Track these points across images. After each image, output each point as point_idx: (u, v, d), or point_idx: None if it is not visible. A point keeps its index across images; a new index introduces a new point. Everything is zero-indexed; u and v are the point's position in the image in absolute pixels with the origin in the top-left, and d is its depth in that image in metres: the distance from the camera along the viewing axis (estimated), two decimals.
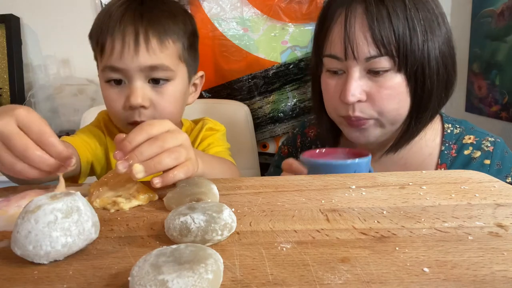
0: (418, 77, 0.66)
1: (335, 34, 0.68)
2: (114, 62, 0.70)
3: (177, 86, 0.75)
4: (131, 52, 0.69)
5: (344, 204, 0.46)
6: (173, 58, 0.73)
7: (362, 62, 0.65)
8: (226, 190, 0.52)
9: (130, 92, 0.70)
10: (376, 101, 0.67)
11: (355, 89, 0.66)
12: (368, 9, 0.64)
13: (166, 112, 0.73)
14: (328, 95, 0.72)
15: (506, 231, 0.39)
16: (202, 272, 0.28)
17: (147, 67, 0.70)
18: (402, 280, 0.31)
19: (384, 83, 0.66)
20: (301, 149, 0.90)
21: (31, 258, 0.35)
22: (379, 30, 0.63)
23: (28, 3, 1.47)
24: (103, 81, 0.74)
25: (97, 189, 0.49)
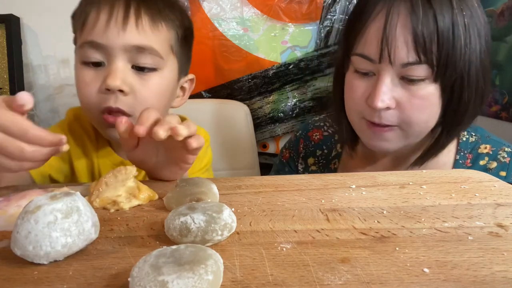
0: (455, 89, 0.61)
1: (371, 32, 0.62)
2: (96, 36, 0.61)
3: (164, 79, 0.66)
4: (118, 25, 0.60)
5: (344, 203, 0.46)
6: (164, 45, 0.65)
7: (397, 67, 0.60)
8: (226, 190, 0.52)
9: (109, 73, 0.61)
10: (405, 110, 0.62)
11: (385, 94, 0.61)
12: (414, 9, 0.58)
13: (148, 104, 0.61)
14: (353, 96, 0.67)
15: (506, 231, 0.39)
16: (202, 273, 0.28)
17: (134, 46, 0.61)
18: (402, 280, 0.31)
19: (417, 92, 0.61)
20: (304, 155, 0.85)
21: (31, 259, 0.35)
22: (423, 36, 0.57)
23: (28, 3, 1.47)
24: (79, 62, 0.64)
25: (97, 189, 0.49)
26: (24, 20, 1.48)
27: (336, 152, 0.82)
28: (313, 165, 0.84)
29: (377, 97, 0.61)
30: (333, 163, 0.81)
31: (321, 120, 0.87)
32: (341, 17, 1.39)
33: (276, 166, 0.91)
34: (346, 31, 0.68)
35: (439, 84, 0.61)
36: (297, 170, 0.86)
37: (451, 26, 0.58)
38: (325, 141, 0.84)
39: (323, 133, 0.85)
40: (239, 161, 1.24)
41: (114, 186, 0.49)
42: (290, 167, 0.87)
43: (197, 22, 1.41)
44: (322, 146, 0.84)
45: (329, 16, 1.40)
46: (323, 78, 1.44)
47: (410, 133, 0.65)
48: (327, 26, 1.40)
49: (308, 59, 1.42)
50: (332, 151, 0.83)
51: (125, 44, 0.61)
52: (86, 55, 0.62)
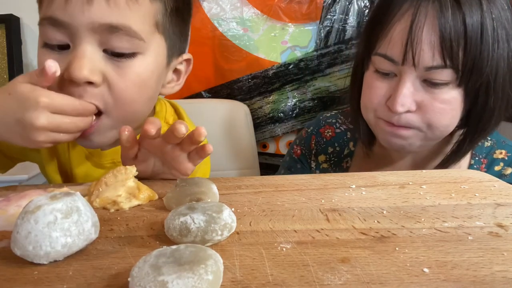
0: (481, 94, 0.60)
1: (396, 32, 0.59)
2: (56, 11, 0.49)
3: (147, 65, 0.53)
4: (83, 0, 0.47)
5: (344, 203, 0.46)
6: (145, 23, 0.51)
7: (420, 71, 0.59)
8: (226, 190, 0.52)
9: (72, 59, 0.49)
10: (426, 113, 0.61)
11: (406, 97, 0.60)
12: (443, 10, 0.56)
13: (125, 98, 0.51)
14: (372, 97, 0.65)
15: (506, 231, 0.39)
16: (202, 273, 0.28)
17: (104, 25, 0.48)
18: (402, 280, 0.31)
19: (439, 95, 0.59)
20: (316, 151, 0.84)
21: (31, 259, 0.35)
22: (450, 39, 0.55)
23: (28, 3, 1.46)
24: (40, 45, 0.55)
25: (96, 189, 0.49)
26: (24, 20, 1.48)
27: (349, 151, 0.80)
28: (324, 162, 0.82)
29: (397, 101, 0.60)
30: (345, 161, 0.79)
31: (333, 117, 0.85)
32: (341, 17, 1.39)
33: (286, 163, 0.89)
34: (368, 29, 0.65)
35: (463, 88, 0.59)
36: (310, 167, 0.84)
37: (480, 29, 0.56)
38: (337, 138, 0.82)
39: (335, 130, 0.82)
40: (239, 161, 1.24)
41: (114, 186, 0.49)
42: (303, 163, 0.85)
43: (197, 22, 1.41)
44: (334, 143, 0.82)
45: (329, 16, 1.40)
46: (323, 78, 1.44)
47: (429, 135, 0.63)
48: (327, 26, 1.40)
49: (308, 59, 1.42)
50: (344, 149, 0.81)
51: (92, 22, 0.48)
52: (47, 35, 0.52)
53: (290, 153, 0.88)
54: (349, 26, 1.40)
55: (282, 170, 0.89)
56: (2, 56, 1.45)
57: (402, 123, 0.62)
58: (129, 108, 0.53)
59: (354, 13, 1.39)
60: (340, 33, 1.40)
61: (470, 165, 0.71)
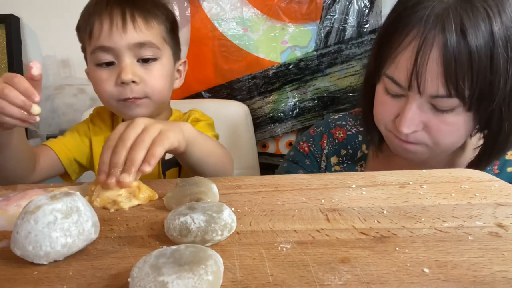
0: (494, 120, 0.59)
1: (403, 59, 0.60)
2: (104, 41, 0.73)
3: (164, 65, 0.78)
4: (120, 30, 0.73)
5: (344, 203, 0.46)
6: (158, 38, 0.77)
7: (426, 97, 0.59)
8: (226, 189, 0.52)
9: (121, 69, 0.73)
10: (432, 133, 0.61)
11: (412, 120, 0.60)
12: (448, 44, 0.55)
13: (156, 89, 0.76)
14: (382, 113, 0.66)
15: (506, 231, 0.39)
16: (202, 273, 0.28)
17: (136, 44, 0.73)
18: (402, 281, 0.31)
19: (447, 119, 0.59)
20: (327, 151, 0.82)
21: (31, 259, 0.35)
22: (455, 72, 0.55)
23: (28, 3, 1.47)
24: (93, 65, 0.76)
25: (97, 189, 0.49)
26: (24, 20, 1.48)
27: (362, 154, 0.79)
28: (336, 164, 0.81)
29: (404, 123, 0.61)
30: (359, 165, 0.79)
31: (342, 119, 0.84)
32: (341, 17, 1.39)
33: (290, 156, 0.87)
34: (378, 47, 0.66)
35: (473, 113, 0.59)
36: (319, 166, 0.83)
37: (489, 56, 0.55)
38: (350, 140, 0.81)
39: (347, 132, 0.82)
40: (239, 161, 1.24)
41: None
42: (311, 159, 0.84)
43: (197, 22, 1.41)
44: (347, 145, 0.81)
45: (329, 16, 1.39)
46: (323, 78, 1.44)
47: (436, 151, 0.64)
48: (327, 26, 1.40)
49: (308, 59, 1.42)
50: (357, 151, 0.80)
51: (128, 43, 0.73)
52: (98, 58, 0.74)
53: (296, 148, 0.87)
54: (349, 26, 1.40)
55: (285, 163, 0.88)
56: (2, 56, 1.45)
57: (410, 139, 0.63)
58: (160, 93, 0.78)
59: (354, 13, 1.39)
60: (340, 33, 1.40)
61: None
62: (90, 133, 0.86)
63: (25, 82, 0.53)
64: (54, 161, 0.79)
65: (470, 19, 0.55)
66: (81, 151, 0.84)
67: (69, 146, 0.82)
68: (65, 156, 0.81)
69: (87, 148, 0.84)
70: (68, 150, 0.81)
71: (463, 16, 0.56)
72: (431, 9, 0.58)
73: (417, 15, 0.58)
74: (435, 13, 0.57)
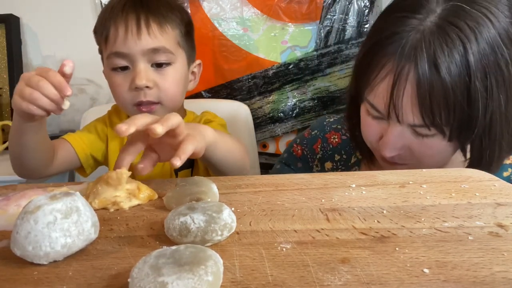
0: (475, 146, 0.59)
1: (380, 89, 0.60)
2: (119, 47, 0.75)
3: (178, 70, 0.79)
4: (134, 36, 0.74)
5: (344, 203, 0.46)
6: (172, 43, 0.78)
7: (406, 124, 0.60)
8: (226, 189, 0.52)
9: (135, 74, 0.75)
10: (416, 154, 0.62)
11: (394, 144, 0.61)
12: (421, 78, 0.55)
13: (169, 93, 0.78)
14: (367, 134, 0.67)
15: (506, 231, 0.39)
16: (202, 274, 0.28)
17: (150, 49, 0.75)
18: (402, 281, 0.31)
19: (428, 143, 0.60)
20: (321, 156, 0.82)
21: (31, 259, 0.35)
22: (430, 106, 0.55)
23: (28, 3, 1.47)
24: (109, 69, 0.78)
25: (93, 192, 0.49)
26: (24, 20, 1.48)
27: (356, 159, 0.79)
28: (330, 170, 0.81)
29: (386, 148, 0.61)
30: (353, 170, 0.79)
31: (338, 122, 0.83)
32: (341, 17, 1.39)
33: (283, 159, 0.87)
34: (357, 71, 0.66)
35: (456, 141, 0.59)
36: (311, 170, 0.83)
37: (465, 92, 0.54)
38: (344, 145, 0.81)
39: (341, 136, 0.81)
40: None
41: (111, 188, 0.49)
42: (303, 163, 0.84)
43: (197, 22, 1.41)
44: (341, 150, 0.81)
45: (329, 16, 1.39)
46: (323, 78, 1.44)
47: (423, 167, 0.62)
48: (327, 26, 1.40)
49: (308, 59, 1.42)
50: (351, 157, 0.80)
51: (142, 49, 0.74)
52: (114, 63, 0.76)
53: (289, 151, 0.87)
54: (349, 26, 1.40)
55: (278, 165, 0.88)
56: (2, 56, 1.45)
57: (395, 160, 0.64)
58: (173, 98, 0.79)
59: (354, 13, 1.39)
60: (340, 33, 1.40)
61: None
62: (107, 129, 0.87)
63: (58, 76, 0.56)
64: (71, 154, 0.82)
65: (444, 52, 0.54)
66: (97, 146, 0.86)
67: (86, 141, 0.84)
68: (81, 151, 0.83)
69: (103, 144, 0.87)
70: (85, 145, 0.83)
71: (437, 48, 0.55)
72: (406, 41, 0.57)
73: (392, 46, 0.58)
74: (410, 45, 0.56)
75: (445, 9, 0.57)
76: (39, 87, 0.56)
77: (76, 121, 1.38)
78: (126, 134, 0.47)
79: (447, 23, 0.55)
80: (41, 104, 0.57)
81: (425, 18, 0.57)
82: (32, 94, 0.56)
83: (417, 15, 0.57)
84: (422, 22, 0.57)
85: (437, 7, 0.57)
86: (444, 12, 0.57)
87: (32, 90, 0.56)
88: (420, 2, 0.58)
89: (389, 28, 0.59)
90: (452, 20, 0.55)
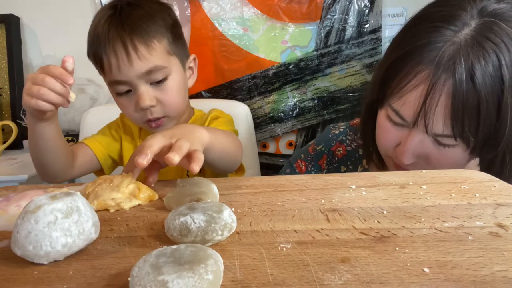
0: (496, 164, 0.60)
1: (411, 97, 0.59)
2: (115, 76, 0.78)
3: (176, 79, 0.82)
4: (126, 64, 0.76)
5: (344, 203, 0.46)
6: (163, 57, 0.79)
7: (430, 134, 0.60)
8: (226, 190, 0.52)
9: (138, 98, 0.78)
10: (431, 163, 0.62)
11: (413, 152, 0.61)
12: (457, 90, 0.55)
13: (173, 105, 0.81)
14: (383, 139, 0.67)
15: (506, 231, 0.39)
16: (202, 272, 0.28)
17: (144, 73, 0.77)
18: (403, 280, 0.31)
19: (448, 153, 0.60)
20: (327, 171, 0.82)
21: (31, 258, 0.35)
22: (462, 118, 0.56)
23: (28, 3, 1.47)
24: (114, 94, 0.83)
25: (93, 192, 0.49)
26: (24, 20, 1.48)
27: (363, 169, 0.79)
28: None
29: (405, 155, 0.61)
30: None
31: (342, 134, 0.83)
32: (341, 17, 1.40)
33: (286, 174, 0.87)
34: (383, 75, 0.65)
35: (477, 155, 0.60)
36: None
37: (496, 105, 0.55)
38: (349, 156, 0.81)
39: (347, 148, 0.81)
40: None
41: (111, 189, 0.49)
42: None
43: (197, 22, 1.42)
44: (347, 161, 0.81)
45: (329, 16, 1.40)
46: (323, 78, 1.44)
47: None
48: (327, 26, 1.40)
49: (308, 59, 1.42)
50: (358, 167, 0.80)
51: (137, 74, 0.77)
52: (116, 89, 0.80)
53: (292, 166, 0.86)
54: (349, 26, 1.40)
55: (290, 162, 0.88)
56: (2, 56, 1.45)
57: (409, 168, 0.64)
58: (176, 109, 0.83)
59: (354, 13, 1.39)
60: (340, 33, 1.40)
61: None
62: (120, 130, 0.92)
63: (59, 68, 0.60)
64: (91, 157, 0.86)
65: (481, 65, 0.55)
66: (113, 147, 0.90)
67: (103, 142, 0.88)
68: (100, 152, 0.87)
69: (118, 144, 0.91)
70: (103, 147, 0.88)
71: (474, 61, 0.55)
72: (443, 52, 0.57)
73: (428, 55, 0.58)
74: (447, 56, 0.56)
75: (480, 23, 0.57)
76: (44, 83, 0.59)
77: (76, 121, 1.38)
78: (147, 165, 0.49)
79: (483, 37, 0.56)
80: (48, 98, 0.60)
81: (460, 31, 0.57)
82: (40, 90, 0.60)
83: (452, 27, 0.58)
84: (457, 34, 0.57)
85: (471, 20, 0.58)
86: (479, 26, 0.57)
87: (39, 87, 0.60)
88: (455, 14, 0.58)
89: (423, 36, 0.59)
90: (488, 35, 0.56)
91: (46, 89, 0.60)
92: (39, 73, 0.61)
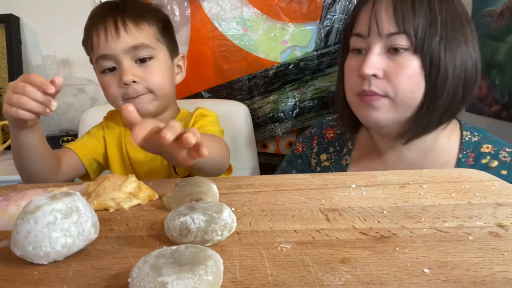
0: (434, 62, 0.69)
1: (363, 15, 0.73)
2: (102, 50, 0.79)
3: (161, 62, 0.84)
4: (114, 37, 0.79)
5: (344, 203, 0.46)
6: (151, 38, 0.82)
7: (384, 39, 0.70)
8: (226, 189, 0.52)
9: (121, 73, 0.79)
10: (392, 79, 0.69)
11: (373, 62, 0.70)
12: None
13: (156, 85, 0.82)
14: (349, 74, 0.76)
15: (506, 231, 0.39)
16: (202, 273, 0.28)
17: (130, 47, 0.79)
18: (403, 281, 0.31)
19: (401, 62, 0.69)
20: (317, 150, 0.92)
21: (31, 259, 0.35)
22: (401, 12, 0.69)
23: (28, 3, 1.47)
24: (99, 73, 0.83)
25: (95, 191, 0.49)
26: (24, 20, 1.48)
27: (348, 149, 0.87)
28: (325, 160, 0.90)
29: (366, 65, 0.69)
30: (344, 159, 0.87)
31: (335, 120, 0.94)
32: (341, 17, 1.39)
33: (288, 157, 0.98)
34: (345, 28, 0.80)
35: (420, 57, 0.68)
36: (310, 164, 0.93)
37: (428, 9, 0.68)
38: (338, 139, 0.91)
39: (336, 131, 0.91)
40: (239, 161, 1.24)
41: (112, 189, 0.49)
42: (303, 159, 0.94)
43: (197, 22, 1.41)
44: (335, 143, 0.90)
45: (329, 16, 1.40)
46: (323, 78, 1.44)
47: (397, 103, 0.70)
48: (327, 26, 1.40)
49: (308, 59, 1.42)
50: (343, 148, 0.88)
51: (123, 48, 0.79)
52: (101, 65, 0.81)
53: (293, 149, 0.98)
54: None
55: (284, 163, 0.98)
56: (2, 56, 1.45)
57: (372, 88, 0.71)
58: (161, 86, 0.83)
59: None
60: (340, 32, 1.40)
61: (458, 159, 0.75)
62: (104, 133, 0.91)
63: (40, 77, 0.59)
64: (76, 162, 0.85)
65: None
66: (97, 150, 0.89)
67: (87, 146, 0.87)
68: (85, 156, 0.86)
69: (102, 147, 0.90)
70: (87, 151, 0.87)
71: None
72: None
73: None
74: None
75: None
76: (25, 92, 0.58)
77: (76, 121, 1.38)
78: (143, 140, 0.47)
79: None
80: (29, 107, 0.59)
81: None
82: (20, 99, 0.59)
83: None
84: None
85: None
86: None
87: (19, 95, 0.59)
88: None
89: None
90: None
91: (26, 98, 0.59)
92: (19, 82, 0.60)
